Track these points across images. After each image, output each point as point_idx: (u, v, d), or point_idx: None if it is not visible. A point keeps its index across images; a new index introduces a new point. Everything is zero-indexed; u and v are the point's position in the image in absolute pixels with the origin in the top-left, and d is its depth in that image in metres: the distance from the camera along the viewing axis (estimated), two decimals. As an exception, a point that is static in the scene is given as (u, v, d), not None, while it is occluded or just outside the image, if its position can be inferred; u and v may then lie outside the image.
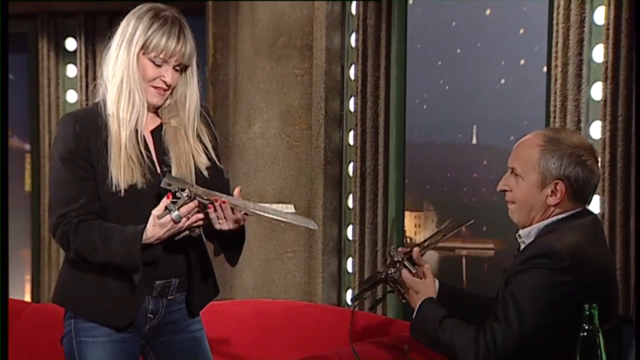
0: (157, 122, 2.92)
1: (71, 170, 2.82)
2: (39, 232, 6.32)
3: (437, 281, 2.97)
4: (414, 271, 2.90)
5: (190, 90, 2.91)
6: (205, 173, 2.90)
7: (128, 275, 2.82)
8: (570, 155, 2.78)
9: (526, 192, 2.82)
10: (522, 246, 2.83)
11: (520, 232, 2.85)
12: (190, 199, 2.74)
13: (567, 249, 2.70)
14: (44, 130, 6.32)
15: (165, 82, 2.85)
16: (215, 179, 2.92)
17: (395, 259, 2.91)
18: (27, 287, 6.49)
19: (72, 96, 6.33)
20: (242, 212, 2.79)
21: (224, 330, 3.75)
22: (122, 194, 2.80)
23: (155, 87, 2.85)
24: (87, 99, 6.24)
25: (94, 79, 6.24)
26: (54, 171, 2.88)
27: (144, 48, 2.83)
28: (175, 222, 2.74)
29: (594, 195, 3.63)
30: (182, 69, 2.87)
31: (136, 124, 2.86)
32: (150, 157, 2.86)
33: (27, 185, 6.54)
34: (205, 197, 2.75)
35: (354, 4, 4.79)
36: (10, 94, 6.51)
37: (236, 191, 2.81)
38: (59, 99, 6.33)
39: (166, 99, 2.89)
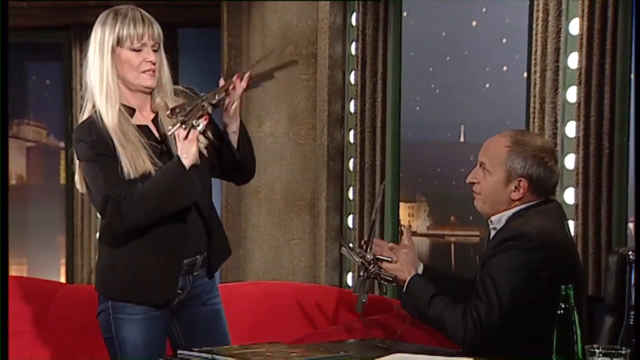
0: (155, 110, 2.92)
1: (103, 165, 2.80)
2: (72, 221, 6.33)
3: (421, 264, 2.96)
4: (390, 260, 2.90)
5: (164, 69, 2.91)
6: (204, 151, 2.88)
7: (160, 254, 2.82)
8: (534, 157, 2.81)
9: (492, 186, 2.84)
10: (493, 232, 2.85)
11: (492, 218, 2.87)
12: (204, 107, 2.72)
13: (536, 230, 2.73)
14: (77, 129, 6.32)
15: (151, 62, 2.84)
16: (213, 152, 2.92)
17: (369, 257, 2.90)
18: (62, 270, 6.50)
19: (101, 99, 6.33)
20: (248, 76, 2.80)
21: (238, 309, 3.74)
22: (144, 179, 2.79)
23: (145, 71, 2.85)
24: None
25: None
26: (88, 171, 2.84)
27: (119, 42, 2.83)
28: (201, 132, 2.73)
29: (570, 188, 3.65)
30: (157, 49, 2.86)
31: (131, 117, 2.85)
32: (157, 141, 2.86)
33: (62, 179, 6.55)
34: (217, 97, 2.75)
35: (354, 15, 4.79)
36: (47, 98, 6.56)
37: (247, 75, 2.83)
38: (90, 102, 6.33)
39: (157, 82, 2.89)
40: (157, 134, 2.89)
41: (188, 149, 2.74)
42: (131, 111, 2.88)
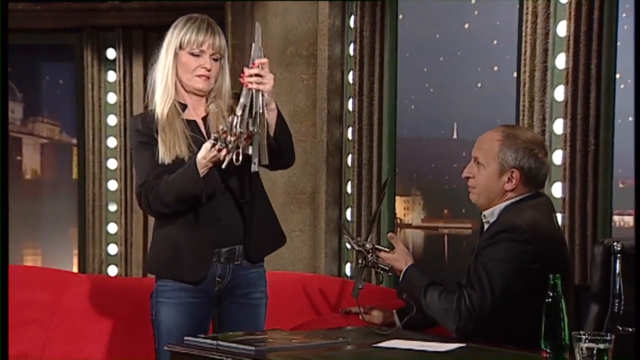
0: (207, 110, 2.99)
1: (144, 154, 2.93)
2: (84, 213, 6.32)
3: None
4: (388, 250, 2.91)
5: (225, 80, 2.99)
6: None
7: (196, 239, 2.89)
8: (525, 149, 2.81)
9: (487, 178, 2.84)
10: (486, 225, 2.85)
11: (485, 212, 2.87)
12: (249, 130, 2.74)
13: (527, 223, 2.73)
14: (89, 127, 6.31)
15: (205, 68, 2.92)
16: None
17: (368, 246, 2.92)
18: (75, 261, 6.49)
19: (112, 98, 6.32)
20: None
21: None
22: (178, 164, 2.86)
23: (199, 75, 2.93)
24: (124, 100, 6.24)
25: (131, 83, 6.24)
26: (134, 158, 3.03)
27: (182, 45, 2.92)
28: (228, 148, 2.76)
29: (557, 182, 3.66)
30: (218, 59, 2.94)
31: (183, 112, 2.93)
32: (202, 135, 2.93)
33: (74, 174, 6.54)
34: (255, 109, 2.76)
35: (352, 18, 4.78)
36: (60, 97, 6.55)
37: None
38: (101, 100, 6.32)
39: (211, 88, 2.95)
40: (203, 130, 2.96)
41: (208, 162, 2.80)
42: (183, 107, 2.97)
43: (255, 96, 2.77)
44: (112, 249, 6.32)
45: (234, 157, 2.75)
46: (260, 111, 2.77)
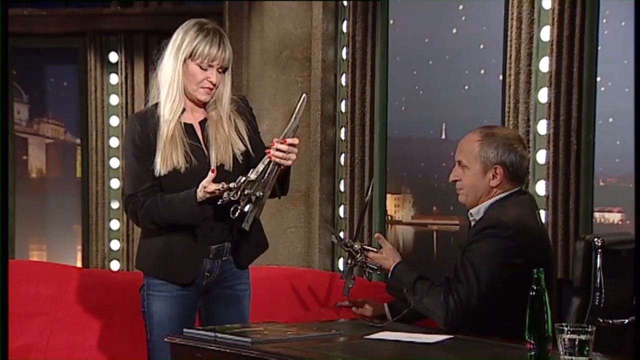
0: (205, 114, 2.95)
1: (137, 162, 2.88)
2: (88, 211, 6.31)
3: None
4: (376, 250, 2.92)
5: (226, 89, 2.94)
6: (240, 158, 2.91)
7: (188, 240, 2.87)
8: (504, 144, 2.83)
9: (472, 178, 2.85)
10: (473, 223, 2.86)
11: (471, 210, 2.88)
12: (258, 197, 2.76)
13: (511, 220, 2.74)
14: (92, 127, 6.30)
15: (211, 82, 2.87)
16: (248, 163, 2.91)
17: (357, 247, 2.93)
18: (79, 256, 6.49)
19: (114, 99, 6.32)
20: (291, 136, 2.80)
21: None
22: (174, 174, 2.84)
23: (203, 88, 2.88)
24: (126, 102, 6.23)
25: (132, 85, 6.23)
26: (126, 163, 2.97)
27: (192, 56, 2.85)
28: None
29: (541, 180, 3.66)
30: (223, 70, 2.90)
31: (179, 117, 2.89)
32: (198, 141, 2.90)
33: (78, 172, 6.53)
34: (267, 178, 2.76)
35: (345, 23, 4.78)
36: (64, 98, 6.54)
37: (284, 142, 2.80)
38: (103, 102, 6.32)
39: (211, 96, 2.92)
40: (199, 134, 2.93)
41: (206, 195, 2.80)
42: (182, 110, 2.93)
43: (272, 166, 2.78)
44: (115, 244, 6.32)
45: (231, 211, 2.77)
46: (271, 179, 2.78)
